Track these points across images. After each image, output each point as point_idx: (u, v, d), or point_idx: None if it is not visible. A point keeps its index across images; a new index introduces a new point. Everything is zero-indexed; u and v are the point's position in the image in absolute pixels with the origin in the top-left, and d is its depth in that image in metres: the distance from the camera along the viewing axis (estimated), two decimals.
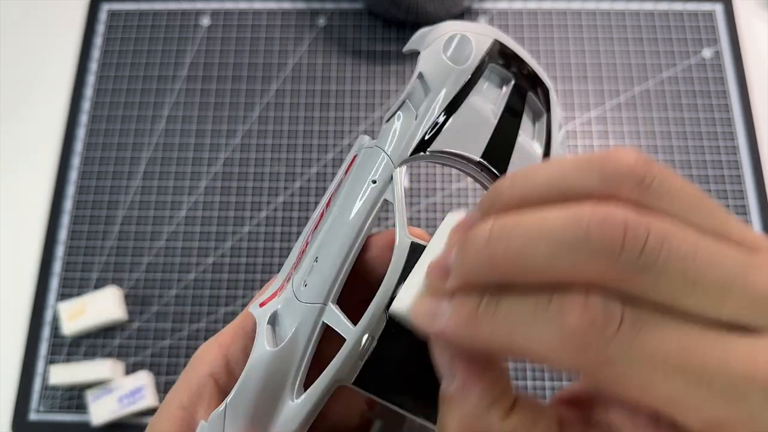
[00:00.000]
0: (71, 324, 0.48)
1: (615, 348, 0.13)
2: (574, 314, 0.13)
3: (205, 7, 0.59)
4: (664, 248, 0.13)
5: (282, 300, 0.20)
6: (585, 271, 0.13)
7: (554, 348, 0.13)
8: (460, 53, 0.21)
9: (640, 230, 0.13)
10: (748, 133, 0.54)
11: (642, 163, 0.14)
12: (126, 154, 0.55)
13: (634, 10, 0.58)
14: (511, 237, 0.14)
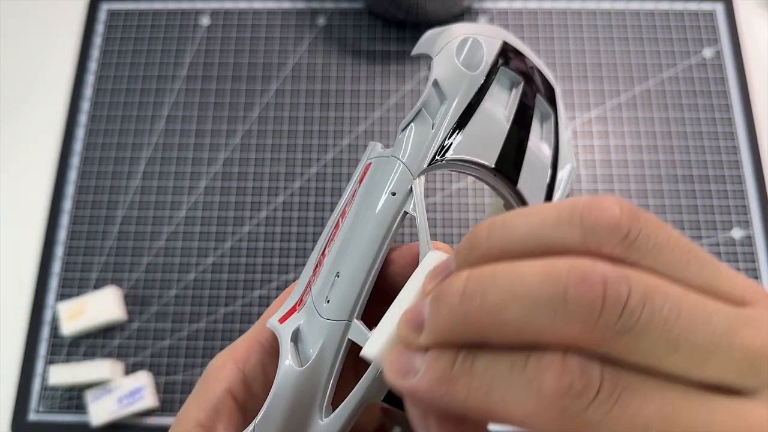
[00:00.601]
0: (71, 324, 0.48)
1: (594, 414, 0.12)
2: (551, 378, 0.12)
3: (204, 7, 0.59)
4: (645, 308, 0.12)
5: (303, 316, 0.20)
6: (563, 331, 0.12)
7: (531, 413, 0.13)
8: (472, 58, 0.20)
9: (621, 289, 0.12)
10: (749, 133, 0.54)
11: (626, 216, 0.13)
12: (125, 154, 0.55)
13: (635, 10, 0.58)
14: (486, 293, 0.13)
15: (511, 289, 0.13)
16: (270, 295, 0.50)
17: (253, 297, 0.50)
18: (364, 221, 0.20)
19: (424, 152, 0.20)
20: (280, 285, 0.50)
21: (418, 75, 0.56)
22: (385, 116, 0.55)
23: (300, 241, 0.51)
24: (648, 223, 0.13)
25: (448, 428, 0.15)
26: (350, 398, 0.18)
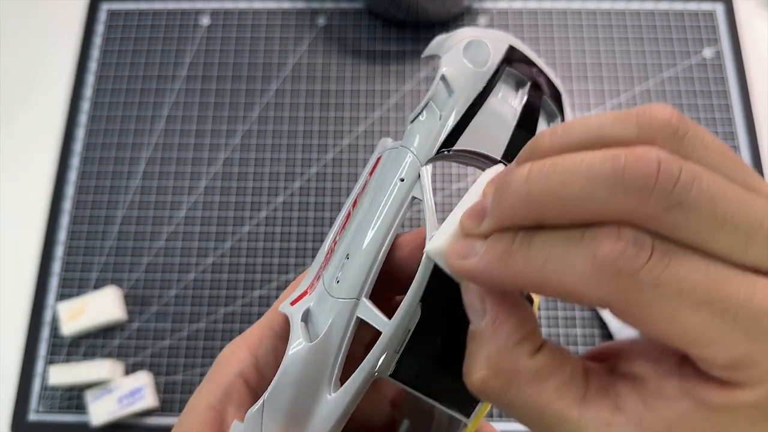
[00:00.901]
0: (71, 324, 0.48)
1: (644, 277, 0.13)
2: (607, 243, 0.13)
3: (204, 7, 0.59)
4: (695, 186, 0.13)
5: (314, 297, 0.20)
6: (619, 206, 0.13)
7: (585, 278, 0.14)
8: (479, 57, 0.21)
9: (673, 168, 0.13)
10: (749, 133, 0.54)
11: (677, 117, 0.14)
12: (125, 154, 0.55)
13: (635, 10, 0.58)
14: (550, 174, 0.14)
15: (572, 169, 0.14)
16: (270, 295, 0.50)
17: (253, 297, 0.50)
18: (374, 206, 0.20)
19: (431, 141, 0.20)
20: (280, 285, 0.50)
21: (418, 75, 0.56)
22: (385, 116, 0.55)
23: (300, 241, 0.51)
24: (696, 126, 0.14)
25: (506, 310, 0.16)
26: (358, 372, 0.19)
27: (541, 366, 0.16)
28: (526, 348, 0.16)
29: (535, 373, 0.16)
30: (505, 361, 0.16)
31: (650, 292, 0.13)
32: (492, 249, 0.15)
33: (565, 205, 0.14)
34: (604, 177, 0.14)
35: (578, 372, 0.16)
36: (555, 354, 0.16)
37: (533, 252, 0.15)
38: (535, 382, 0.16)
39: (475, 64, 0.21)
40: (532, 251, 0.15)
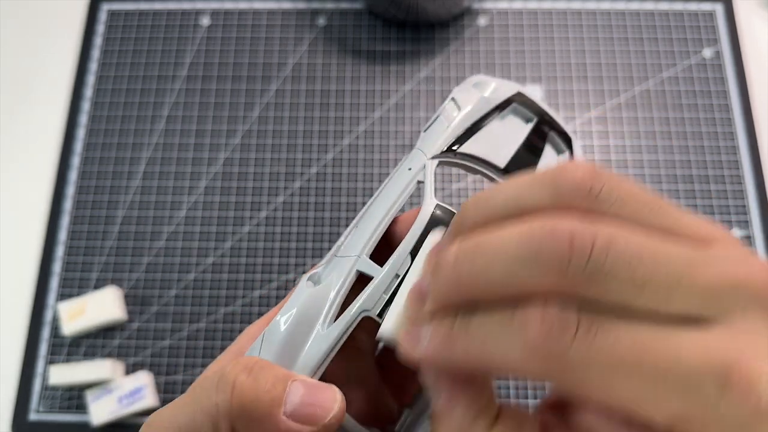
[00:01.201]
0: (71, 324, 0.48)
1: (574, 354, 0.14)
2: (534, 326, 0.14)
3: (204, 7, 0.59)
4: (610, 254, 0.14)
5: (324, 263, 0.23)
6: (540, 282, 0.14)
7: (520, 359, 0.14)
8: (486, 89, 0.25)
9: (586, 239, 0.14)
10: (748, 133, 0.54)
11: (590, 175, 0.15)
12: (126, 154, 0.55)
13: (634, 10, 0.58)
14: (474, 258, 0.15)
15: (493, 252, 0.15)
16: (270, 294, 0.50)
17: (253, 297, 0.50)
18: (383, 189, 0.24)
19: (438, 142, 0.24)
20: (280, 285, 0.50)
21: (418, 75, 0.56)
22: (385, 116, 0.55)
23: (300, 241, 0.52)
24: (610, 179, 0.15)
25: (458, 388, 0.17)
26: (349, 309, 0.21)
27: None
28: (482, 423, 0.16)
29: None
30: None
31: (581, 367, 0.14)
32: (435, 336, 0.16)
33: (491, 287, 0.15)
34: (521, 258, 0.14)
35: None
36: (512, 421, 0.17)
37: (471, 336, 0.15)
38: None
39: (482, 92, 0.24)
40: (470, 336, 0.15)
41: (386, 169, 0.53)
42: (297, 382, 0.19)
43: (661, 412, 0.14)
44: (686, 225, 0.15)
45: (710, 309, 0.14)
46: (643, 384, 0.14)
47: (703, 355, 0.14)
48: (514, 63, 0.56)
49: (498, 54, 0.57)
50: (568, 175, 0.15)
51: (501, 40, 0.57)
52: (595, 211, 0.15)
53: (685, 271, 0.14)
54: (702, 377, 0.13)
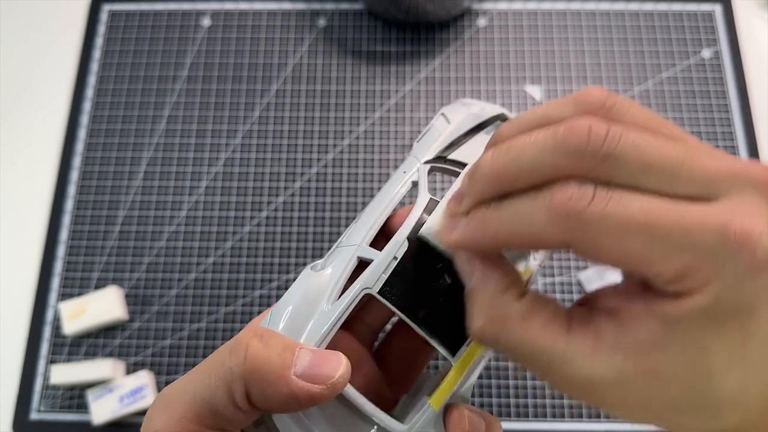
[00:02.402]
0: (72, 324, 0.48)
1: (590, 214, 0.16)
2: (557, 193, 0.16)
3: (205, 8, 0.59)
4: (621, 141, 0.16)
5: (327, 255, 0.24)
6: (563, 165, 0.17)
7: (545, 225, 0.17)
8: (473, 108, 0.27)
9: (601, 129, 0.16)
10: (747, 134, 0.54)
11: (606, 95, 0.18)
12: (127, 154, 0.55)
13: (634, 11, 0.58)
14: (507, 152, 0.18)
15: (523, 146, 0.18)
16: (270, 294, 0.50)
17: (254, 296, 0.50)
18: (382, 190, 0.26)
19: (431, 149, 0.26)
20: (280, 284, 0.51)
21: (419, 75, 0.56)
22: (385, 116, 0.55)
23: (300, 241, 0.52)
24: (624, 99, 0.18)
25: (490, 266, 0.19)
26: (352, 287, 0.22)
27: (528, 306, 0.18)
28: (512, 293, 0.19)
29: (523, 313, 0.18)
30: (496, 306, 0.19)
31: (597, 226, 0.16)
32: (471, 220, 0.19)
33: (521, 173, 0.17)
34: (547, 146, 0.17)
35: (561, 311, 0.19)
36: (539, 297, 0.19)
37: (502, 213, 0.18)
38: (524, 320, 0.18)
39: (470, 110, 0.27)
40: (502, 212, 0.18)
41: (386, 169, 0.54)
42: (304, 349, 0.20)
43: (667, 265, 0.16)
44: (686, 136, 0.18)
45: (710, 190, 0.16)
46: (652, 240, 0.16)
47: (704, 217, 0.16)
48: (514, 63, 0.56)
49: (498, 54, 0.57)
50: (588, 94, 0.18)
51: (501, 41, 0.57)
52: (612, 118, 0.17)
53: (688, 159, 0.16)
54: (703, 233, 0.15)
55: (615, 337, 0.17)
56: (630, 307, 0.17)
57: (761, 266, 0.15)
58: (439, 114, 0.27)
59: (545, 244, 0.17)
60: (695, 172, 0.16)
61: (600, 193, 0.16)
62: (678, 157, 0.16)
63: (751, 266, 0.15)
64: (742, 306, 0.16)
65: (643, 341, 0.17)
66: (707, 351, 0.16)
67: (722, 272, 0.15)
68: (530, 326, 0.18)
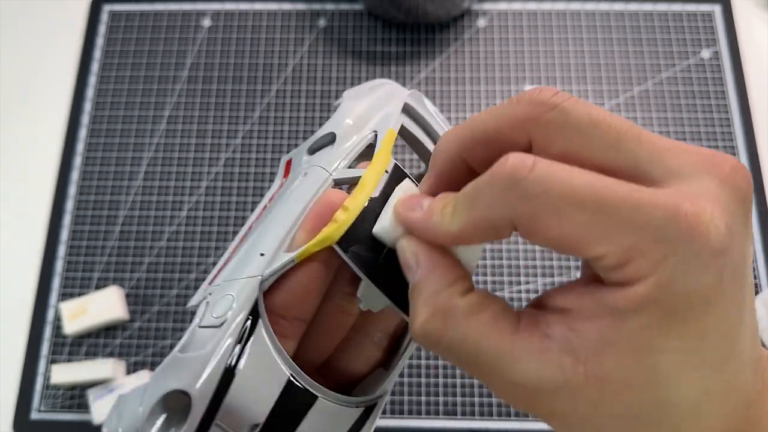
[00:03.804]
0: (73, 323, 0.48)
1: (531, 183, 0.15)
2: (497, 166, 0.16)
3: (205, 8, 0.59)
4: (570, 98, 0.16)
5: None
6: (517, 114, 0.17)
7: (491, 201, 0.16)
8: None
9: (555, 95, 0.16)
10: (747, 134, 0.54)
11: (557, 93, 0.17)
12: (127, 154, 0.55)
13: (633, 11, 0.58)
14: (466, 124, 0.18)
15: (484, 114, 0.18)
16: None
17: None
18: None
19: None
20: None
21: (419, 76, 0.56)
22: None
23: None
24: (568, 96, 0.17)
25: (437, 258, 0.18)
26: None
27: (474, 302, 0.17)
28: (458, 288, 0.18)
29: (468, 308, 0.17)
30: (440, 300, 0.17)
31: (539, 198, 0.15)
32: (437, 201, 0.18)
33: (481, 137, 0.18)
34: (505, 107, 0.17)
35: (510, 310, 0.17)
36: (486, 294, 0.18)
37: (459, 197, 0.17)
38: (469, 316, 0.17)
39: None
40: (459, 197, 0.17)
41: None
42: None
43: (612, 246, 0.14)
44: None
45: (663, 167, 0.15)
46: (595, 215, 0.14)
47: (654, 195, 0.14)
48: (514, 64, 0.57)
49: (498, 55, 0.57)
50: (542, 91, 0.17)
51: (500, 41, 0.57)
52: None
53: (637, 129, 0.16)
54: (651, 212, 0.14)
55: (564, 338, 0.16)
56: (580, 303, 0.16)
57: (715, 252, 0.14)
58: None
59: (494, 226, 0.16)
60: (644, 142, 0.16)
61: (540, 161, 0.15)
62: (628, 124, 0.16)
63: (702, 252, 0.14)
64: (695, 298, 0.14)
65: (594, 341, 0.15)
66: (660, 352, 0.15)
67: (671, 257, 0.14)
68: (476, 323, 0.17)
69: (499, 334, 0.16)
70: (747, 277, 0.15)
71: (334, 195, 0.21)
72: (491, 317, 0.17)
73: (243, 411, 0.19)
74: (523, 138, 0.17)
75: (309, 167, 0.24)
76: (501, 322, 0.17)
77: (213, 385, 0.19)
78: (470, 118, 0.18)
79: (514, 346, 0.16)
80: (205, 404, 0.19)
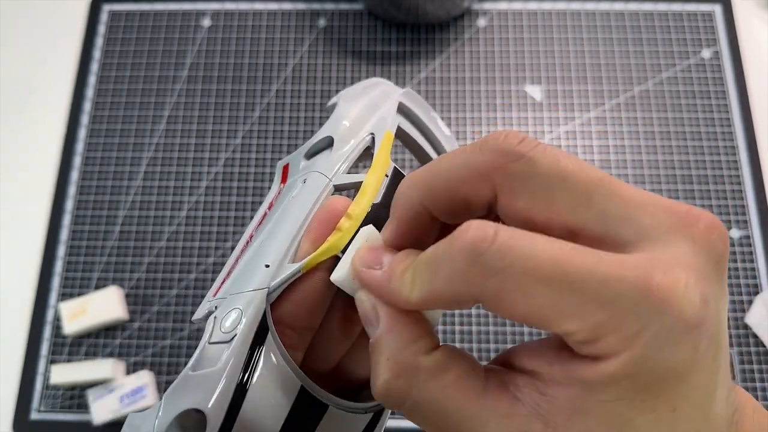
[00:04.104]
0: (72, 323, 0.48)
1: (493, 256, 0.14)
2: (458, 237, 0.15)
3: (205, 8, 0.59)
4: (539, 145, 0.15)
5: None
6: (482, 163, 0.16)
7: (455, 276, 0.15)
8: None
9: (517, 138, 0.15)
10: (747, 134, 0.54)
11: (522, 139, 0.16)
12: (127, 154, 0.55)
13: (634, 11, 0.58)
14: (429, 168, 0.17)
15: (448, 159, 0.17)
16: None
17: None
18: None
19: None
20: None
21: (419, 76, 0.56)
22: None
23: None
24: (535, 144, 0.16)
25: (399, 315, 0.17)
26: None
27: (439, 361, 0.16)
28: (423, 346, 0.17)
29: (434, 368, 0.16)
30: (404, 359, 0.16)
31: (501, 275, 0.14)
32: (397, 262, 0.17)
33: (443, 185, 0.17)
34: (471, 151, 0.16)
35: (477, 367, 0.17)
36: (452, 351, 0.17)
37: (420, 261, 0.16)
38: (435, 376, 0.16)
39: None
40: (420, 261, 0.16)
41: None
42: None
43: (581, 323, 0.14)
44: None
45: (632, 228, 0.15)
46: (562, 292, 0.14)
47: (622, 266, 0.14)
48: (514, 64, 0.56)
49: (498, 55, 0.57)
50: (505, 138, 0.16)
51: (501, 41, 0.57)
52: None
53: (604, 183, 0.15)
54: (621, 286, 0.13)
55: (534, 402, 0.15)
56: (550, 369, 0.15)
57: (689, 327, 0.13)
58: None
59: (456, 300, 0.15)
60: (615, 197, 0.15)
61: (503, 230, 0.14)
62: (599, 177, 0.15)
63: (676, 327, 0.13)
64: (667, 374, 0.14)
65: (564, 408, 0.15)
66: (631, 425, 0.14)
67: (643, 334, 0.13)
68: (441, 384, 0.16)
69: (465, 396, 0.16)
70: (722, 342, 0.15)
71: (336, 202, 0.21)
72: (457, 377, 0.16)
73: (257, 425, 0.19)
74: (488, 189, 0.16)
75: (308, 173, 0.24)
76: (467, 381, 0.16)
77: (227, 402, 0.19)
78: (432, 162, 0.17)
79: (482, 408, 0.16)
80: (220, 421, 0.19)
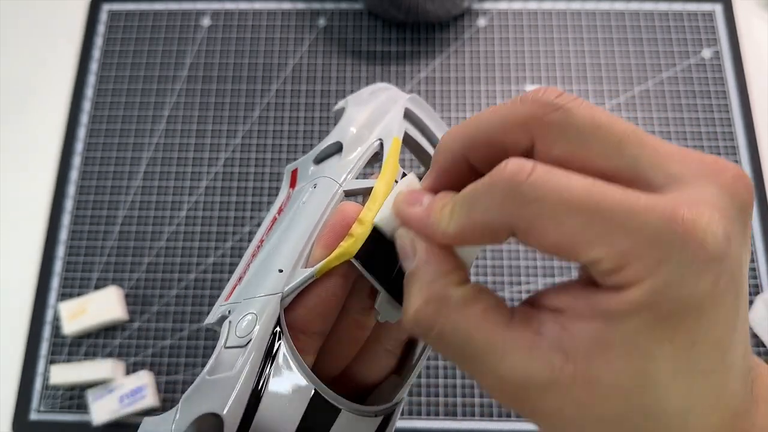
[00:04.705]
0: (72, 324, 0.48)
1: (529, 188, 0.15)
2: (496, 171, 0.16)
3: (205, 8, 0.59)
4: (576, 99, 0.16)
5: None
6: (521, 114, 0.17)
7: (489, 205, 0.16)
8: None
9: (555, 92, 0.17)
10: (748, 134, 0.54)
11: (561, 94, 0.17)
12: (127, 154, 0.55)
13: (634, 11, 0.58)
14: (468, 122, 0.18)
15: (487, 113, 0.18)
16: None
17: None
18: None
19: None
20: None
21: (419, 76, 0.56)
22: None
23: None
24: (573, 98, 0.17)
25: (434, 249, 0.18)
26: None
27: (468, 293, 0.17)
28: (454, 278, 0.18)
29: (462, 299, 0.17)
30: (435, 289, 0.17)
31: (537, 204, 0.15)
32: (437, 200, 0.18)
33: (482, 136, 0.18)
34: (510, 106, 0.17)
35: (503, 305, 0.17)
36: (481, 287, 0.18)
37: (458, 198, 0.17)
38: (462, 306, 0.17)
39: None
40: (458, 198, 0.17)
41: None
42: None
43: (607, 250, 0.14)
44: None
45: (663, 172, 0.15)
46: (592, 220, 0.14)
47: (651, 200, 0.14)
48: (514, 63, 0.56)
49: (498, 54, 0.57)
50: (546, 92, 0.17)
51: (501, 41, 0.57)
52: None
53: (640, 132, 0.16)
54: (648, 216, 0.14)
55: (556, 336, 0.16)
56: (575, 307, 0.16)
57: (710, 259, 0.14)
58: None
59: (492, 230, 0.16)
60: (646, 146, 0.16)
61: (540, 167, 0.15)
62: (631, 128, 0.16)
63: (697, 258, 0.14)
64: (689, 305, 0.14)
65: (585, 342, 0.15)
66: (651, 358, 0.14)
67: (666, 262, 0.14)
68: (469, 313, 0.17)
69: (490, 327, 0.16)
70: (743, 286, 0.15)
71: (348, 207, 0.22)
72: (484, 309, 0.17)
73: (272, 429, 0.19)
74: (526, 138, 0.17)
75: (318, 178, 0.24)
76: (493, 315, 0.17)
77: (242, 406, 0.19)
78: (473, 116, 0.18)
79: (505, 339, 0.16)
80: (236, 425, 0.19)
